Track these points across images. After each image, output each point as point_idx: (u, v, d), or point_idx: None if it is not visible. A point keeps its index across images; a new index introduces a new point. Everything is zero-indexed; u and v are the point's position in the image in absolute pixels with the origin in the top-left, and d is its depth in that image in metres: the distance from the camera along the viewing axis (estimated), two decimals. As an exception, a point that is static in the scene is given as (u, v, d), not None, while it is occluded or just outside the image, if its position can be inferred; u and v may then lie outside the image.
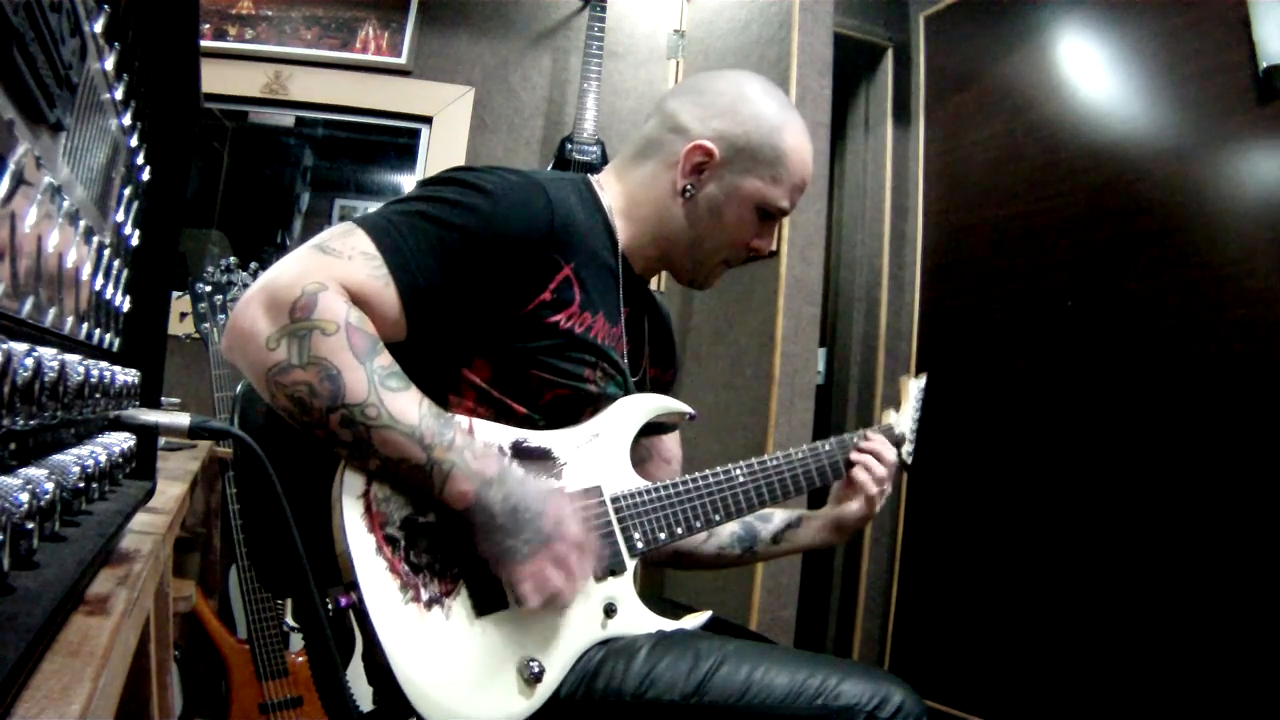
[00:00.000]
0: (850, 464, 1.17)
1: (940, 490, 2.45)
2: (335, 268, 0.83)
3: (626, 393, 1.07)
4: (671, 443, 1.23)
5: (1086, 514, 2.02)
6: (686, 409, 1.10)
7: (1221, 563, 1.73)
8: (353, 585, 0.80)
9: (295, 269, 0.82)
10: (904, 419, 1.28)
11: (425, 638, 0.82)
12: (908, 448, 1.27)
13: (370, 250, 0.85)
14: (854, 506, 1.16)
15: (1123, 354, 1.99)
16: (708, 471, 1.07)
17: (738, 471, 1.09)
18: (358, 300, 0.83)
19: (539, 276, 0.95)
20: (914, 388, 1.31)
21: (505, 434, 0.94)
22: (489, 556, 0.86)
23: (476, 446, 0.86)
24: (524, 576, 0.85)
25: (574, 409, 1.01)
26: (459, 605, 0.85)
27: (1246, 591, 1.67)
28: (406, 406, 0.82)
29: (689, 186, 1.06)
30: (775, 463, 1.13)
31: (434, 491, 0.84)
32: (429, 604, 0.83)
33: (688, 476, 1.06)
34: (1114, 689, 1.89)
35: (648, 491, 1.02)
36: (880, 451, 1.17)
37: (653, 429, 1.10)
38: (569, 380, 0.98)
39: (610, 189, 1.10)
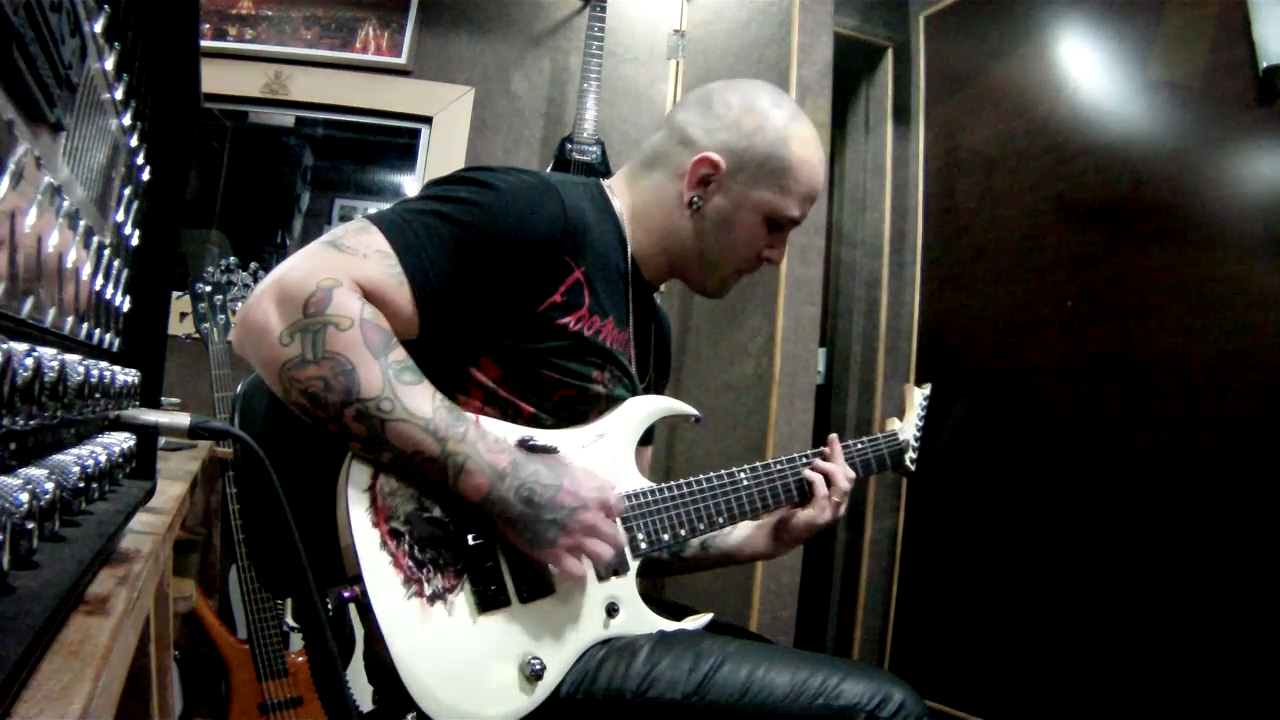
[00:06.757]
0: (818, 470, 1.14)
1: (940, 490, 2.45)
2: (350, 265, 0.83)
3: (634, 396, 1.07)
4: (643, 458, 1.20)
5: (1086, 514, 2.02)
6: (693, 411, 1.10)
7: (1221, 562, 1.73)
8: (356, 578, 0.80)
9: (308, 265, 0.82)
10: (908, 427, 1.29)
11: (427, 632, 0.82)
12: (911, 455, 1.28)
13: (385, 248, 0.85)
14: (803, 513, 1.13)
15: (1122, 354, 1.99)
16: (711, 474, 1.07)
17: (741, 474, 1.09)
18: (371, 298, 0.84)
19: (550, 278, 0.95)
20: (918, 396, 1.32)
21: (512, 431, 0.94)
22: (518, 546, 0.88)
23: (489, 440, 0.87)
24: (552, 560, 0.88)
25: (581, 409, 1.01)
26: (462, 601, 0.86)
27: (1246, 591, 1.67)
28: (420, 400, 0.83)
29: (695, 199, 1.06)
30: (779, 466, 1.13)
31: (448, 484, 0.85)
32: (432, 599, 0.84)
33: (691, 478, 1.06)
34: (1114, 689, 1.89)
35: (651, 492, 1.02)
36: (833, 471, 1.14)
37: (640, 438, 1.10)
38: (577, 380, 0.98)
39: (621, 195, 1.10)
